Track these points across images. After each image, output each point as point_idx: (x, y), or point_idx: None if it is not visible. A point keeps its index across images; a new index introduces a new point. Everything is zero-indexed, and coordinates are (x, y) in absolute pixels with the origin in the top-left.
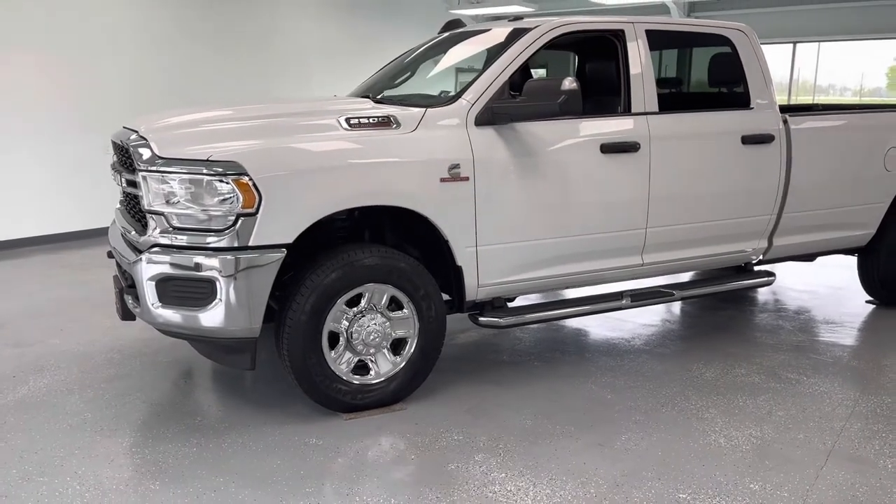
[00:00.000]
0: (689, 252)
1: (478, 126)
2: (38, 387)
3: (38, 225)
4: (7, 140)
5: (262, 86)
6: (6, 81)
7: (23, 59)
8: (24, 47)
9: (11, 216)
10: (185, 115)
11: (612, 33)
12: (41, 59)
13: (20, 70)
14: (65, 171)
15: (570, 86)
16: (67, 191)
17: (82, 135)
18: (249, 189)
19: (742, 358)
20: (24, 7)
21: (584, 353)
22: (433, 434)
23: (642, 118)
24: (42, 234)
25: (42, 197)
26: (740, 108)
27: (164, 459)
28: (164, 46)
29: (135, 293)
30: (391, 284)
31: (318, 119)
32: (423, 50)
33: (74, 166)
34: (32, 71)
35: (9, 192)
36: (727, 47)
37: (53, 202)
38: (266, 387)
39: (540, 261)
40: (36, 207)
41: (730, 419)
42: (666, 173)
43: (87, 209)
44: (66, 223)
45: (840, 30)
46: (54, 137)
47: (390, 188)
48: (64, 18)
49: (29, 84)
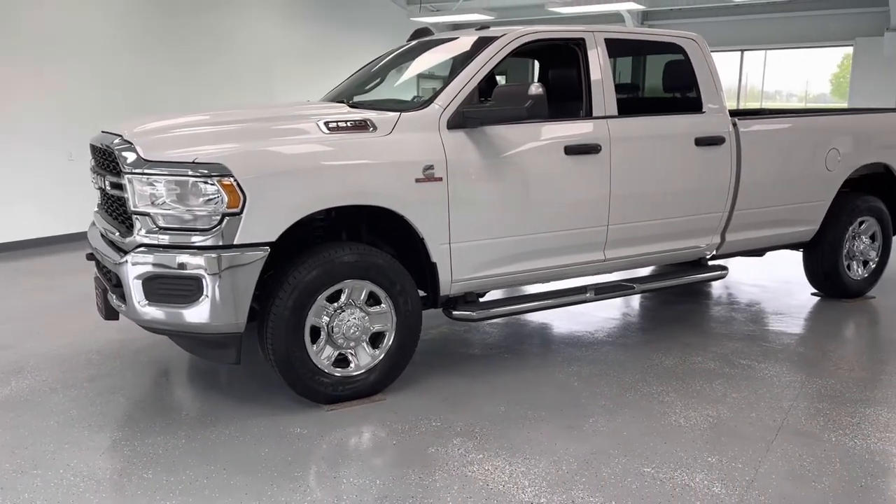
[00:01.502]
0: (648, 248)
1: (450, 129)
2: (21, 387)
3: (6, 231)
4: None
5: (226, 92)
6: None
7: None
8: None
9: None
10: (165, 120)
11: (574, 41)
12: (7, 63)
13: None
14: (28, 177)
15: (536, 91)
16: (30, 198)
17: (45, 141)
18: (234, 190)
19: (698, 347)
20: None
21: (550, 345)
22: (412, 421)
23: (603, 121)
24: (5, 241)
25: (4, 204)
26: (693, 112)
27: (154, 451)
28: (128, 54)
29: (120, 292)
30: (369, 280)
31: (299, 123)
32: (393, 56)
33: (38, 173)
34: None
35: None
36: (680, 55)
37: (16, 209)
38: (245, 383)
39: (509, 257)
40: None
41: (688, 402)
42: (625, 173)
43: (52, 216)
44: (30, 230)
45: (786, 38)
46: (17, 144)
47: (368, 188)
48: (26, 26)
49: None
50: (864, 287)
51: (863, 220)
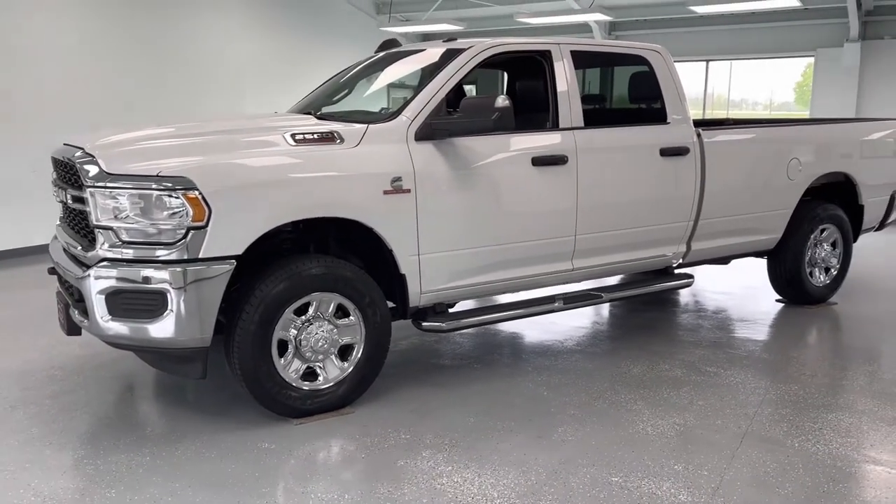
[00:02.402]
0: (615, 257)
1: (417, 141)
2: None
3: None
4: None
5: (194, 103)
6: None
7: None
8: None
9: None
10: (128, 133)
11: (540, 53)
12: None
13: None
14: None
15: (503, 103)
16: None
17: (7, 153)
18: (199, 203)
19: (666, 355)
20: None
21: (520, 354)
22: (381, 434)
23: (569, 133)
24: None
25: None
26: (658, 123)
27: (117, 469)
28: (94, 65)
29: (82, 307)
30: (337, 293)
31: (264, 135)
32: (361, 68)
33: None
34: None
35: None
36: (645, 66)
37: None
38: (212, 397)
39: (478, 267)
40: None
41: (655, 409)
42: (592, 184)
43: (14, 228)
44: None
45: (750, 49)
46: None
47: (336, 201)
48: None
49: None
50: (826, 293)
51: (824, 228)
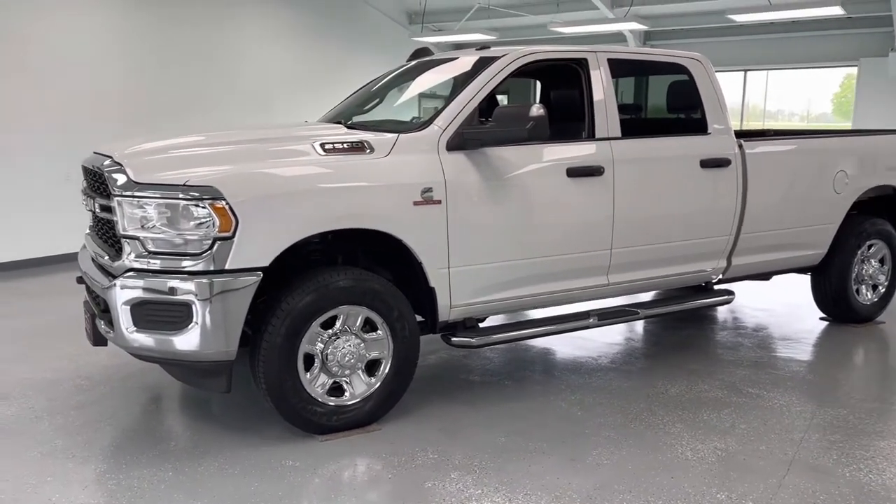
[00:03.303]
0: (653, 272)
1: (449, 151)
2: (6, 415)
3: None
4: None
5: (226, 112)
6: None
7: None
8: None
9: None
10: (158, 141)
11: (576, 62)
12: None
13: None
14: (22, 197)
15: (537, 112)
16: (24, 218)
17: (41, 162)
18: (226, 213)
19: (704, 374)
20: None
21: (552, 371)
22: (408, 453)
23: (606, 143)
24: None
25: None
26: (698, 134)
27: (139, 485)
28: (127, 74)
29: (108, 318)
30: (365, 306)
31: (293, 144)
32: (393, 77)
33: (32, 193)
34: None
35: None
36: (684, 75)
37: (10, 229)
38: (238, 410)
39: (510, 281)
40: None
41: (695, 433)
42: (629, 196)
43: (50, 234)
44: (23, 250)
45: (790, 58)
46: (15, 163)
47: (365, 212)
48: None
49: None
50: (874, 312)
51: (872, 244)
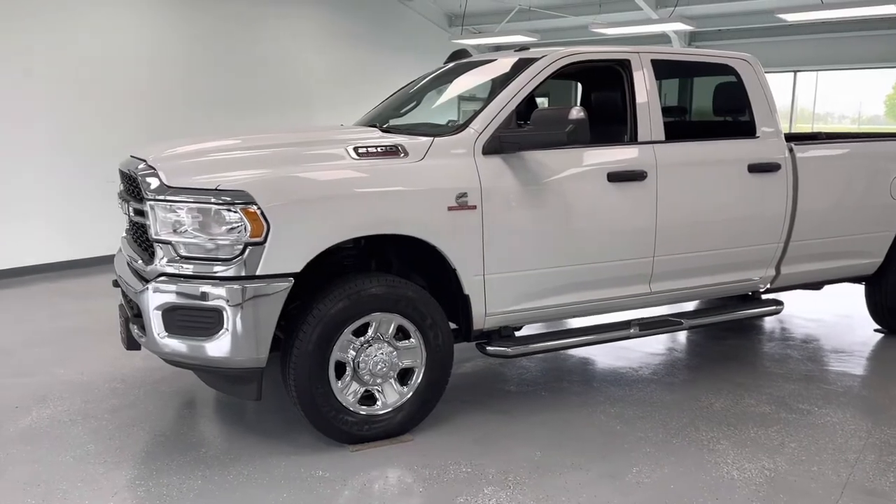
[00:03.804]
0: (697, 281)
1: (485, 155)
2: (42, 417)
3: (42, 253)
4: (11, 168)
5: (267, 115)
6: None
7: (29, 88)
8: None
9: (15, 245)
10: (192, 145)
11: (618, 63)
12: (47, 88)
13: (25, 99)
14: (67, 199)
15: (577, 115)
16: (70, 219)
17: (89, 161)
18: (258, 218)
19: (751, 388)
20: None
21: (591, 382)
22: (441, 466)
23: (649, 147)
24: (45, 262)
25: (45, 225)
26: (746, 137)
27: (168, 492)
28: (168, 77)
29: (141, 322)
30: (398, 313)
31: (326, 148)
32: (429, 79)
33: (77, 195)
34: (37, 100)
35: (12, 221)
36: (732, 76)
37: (56, 231)
38: (270, 417)
39: (548, 289)
40: (39, 236)
41: (741, 451)
42: (673, 202)
43: (90, 238)
44: (69, 251)
45: (842, 59)
46: (61, 164)
47: (398, 217)
48: (66, 48)
49: (33, 114)
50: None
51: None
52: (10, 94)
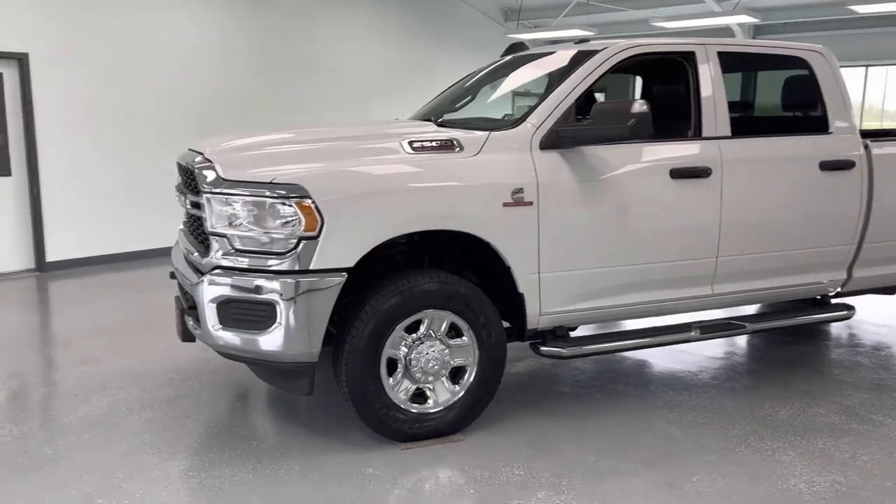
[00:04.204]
0: (763, 283)
1: (542, 150)
2: (100, 406)
3: (104, 244)
4: (73, 163)
5: (320, 110)
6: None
7: (97, 80)
8: (94, 73)
9: (77, 236)
10: (249, 138)
11: (683, 55)
12: (112, 81)
13: (90, 91)
14: (129, 191)
15: (640, 108)
16: (131, 210)
17: (148, 154)
18: (312, 212)
19: (819, 396)
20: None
21: (648, 385)
22: (493, 468)
23: (714, 143)
24: (107, 252)
25: (106, 217)
26: (818, 133)
27: (220, 485)
28: (221, 72)
29: (196, 315)
30: (451, 311)
31: (381, 142)
32: (486, 73)
33: (139, 186)
34: (102, 92)
35: (75, 213)
36: (804, 70)
37: (118, 221)
38: (321, 412)
39: (605, 289)
40: (100, 227)
41: (810, 463)
42: (739, 200)
43: (150, 229)
44: (130, 242)
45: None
46: (122, 157)
47: (452, 212)
48: (131, 47)
49: (96, 105)
50: None
51: None
52: (71, 90)
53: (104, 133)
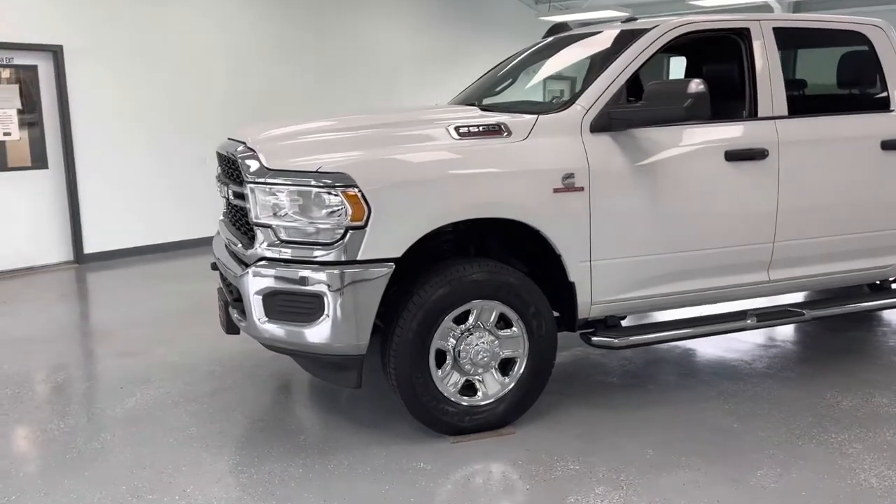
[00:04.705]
0: (821, 268)
1: (593, 133)
2: (145, 399)
3: (141, 235)
4: (108, 155)
5: (353, 96)
6: (106, 97)
7: (131, 72)
8: (128, 65)
9: (114, 227)
10: (290, 126)
11: (736, 32)
12: (146, 72)
13: (124, 83)
14: (165, 181)
15: (697, 89)
16: (167, 201)
17: (183, 145)
18: (359, 201)
19: (883, 386)
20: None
21: (700, 376)
22: (547, 462)
23: (770, 123)
24: (144, 244)
25: (143, 207)
26: (879, 111)
27: (270, 480)
28: (260, 60)
29: (241, 307)
30: (500, 301)
31: (426, 128)
32: (527, 55)
33: (174, 177)
34: (136, 84)
35: (111, 205)
36: (863, 45)
37: (154, 212)
38: (366, 404)
39: (658, 277)
40: (136, 218)
41: (878, 456)
42: (797, 182)
43: (187, 219)
44: (167, 233)
45: None
46: (157, 148)
47: (502, 199)
48: (167, 33)
49: (130, 96)
50: None
51: None
52: (105, 82)
53: (139, 124)
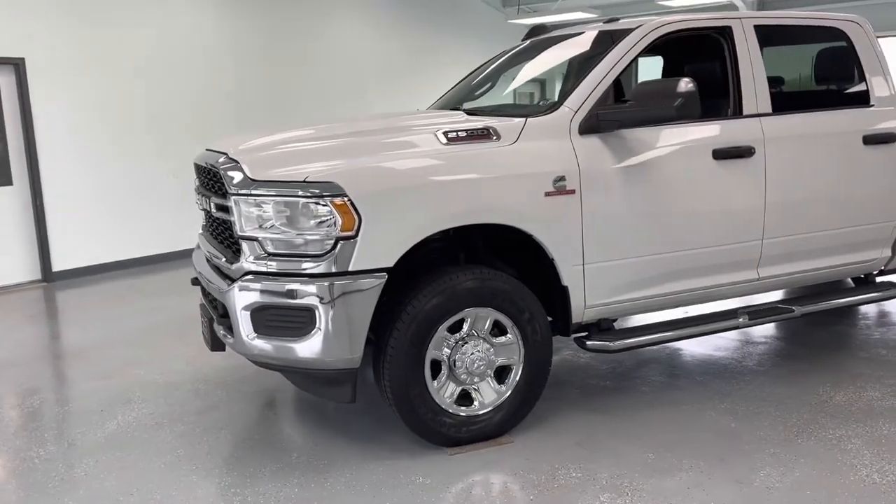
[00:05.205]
0: (809, 264)
1: (582, 135)
2: (128, 421)
3: (112, 250)
4: (75, 169)
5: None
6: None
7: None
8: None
9: (83, 244)
10: (271, 136)
11: (718, 31)
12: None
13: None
14: (134, 195)
15: (687, 87)
16: (138, 215)
17: (152, 157)
18: (349, 210)
19: (871, 379)
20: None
21: (692, 376)
22: (548, 471)
23: (756, 120)
24: (115, 259)
25: (113, 222)
26: (859, 106)
27: (265, 501)
28: (227, 71)
29: (227, 323)
30: (494, 308)
31: (413, 134)
32: (507, 58)
33: (144, 190)
34: (102, 96)
35: (79, 221)
36: (841, 41)
37: (125, 227)
38: (356, 418)
39: (652, 278)
40: (106, 234)
41: (878, 450)
42: (783, 179)
43: (159, 233)
44: (139, 248)
45: None
46: (125, 161)
47: (494, 204)
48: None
49: (96, 109)
50: None
51: None
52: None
53: (105, 137)
